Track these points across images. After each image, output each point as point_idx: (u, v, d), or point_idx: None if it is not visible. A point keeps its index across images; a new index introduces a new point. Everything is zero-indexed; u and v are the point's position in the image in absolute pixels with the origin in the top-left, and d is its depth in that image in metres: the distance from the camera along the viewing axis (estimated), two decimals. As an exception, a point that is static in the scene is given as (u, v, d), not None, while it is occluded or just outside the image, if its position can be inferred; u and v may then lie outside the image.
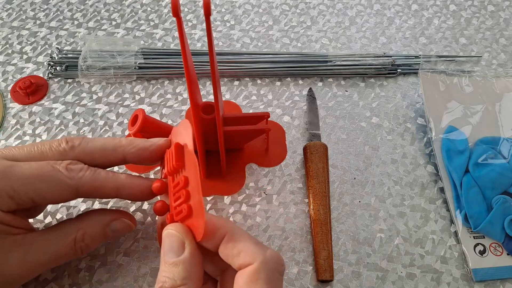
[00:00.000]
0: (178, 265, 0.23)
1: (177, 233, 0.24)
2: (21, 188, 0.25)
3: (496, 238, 0.36)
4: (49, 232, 0.28)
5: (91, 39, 0.46)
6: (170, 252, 0.24)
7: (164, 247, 0.24)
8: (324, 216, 0.36)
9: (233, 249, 0.24)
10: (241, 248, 0.24)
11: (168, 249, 0.24)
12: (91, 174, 0.27)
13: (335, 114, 0.43)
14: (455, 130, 0.41)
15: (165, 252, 0.24)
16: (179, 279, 0.23)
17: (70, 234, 0.27)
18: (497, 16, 0.52)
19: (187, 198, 0.25)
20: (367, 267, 0.35)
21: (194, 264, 0.24)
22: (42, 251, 0.27)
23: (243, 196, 0.38)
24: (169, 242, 0.24)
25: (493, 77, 0.45)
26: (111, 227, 0.29)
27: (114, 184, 0.28)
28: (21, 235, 0.26)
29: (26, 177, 0.25)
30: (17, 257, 0.26)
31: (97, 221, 0.28)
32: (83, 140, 0.29)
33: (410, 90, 0.45)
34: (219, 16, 0.51)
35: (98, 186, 0.27)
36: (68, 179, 0.26)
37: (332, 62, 0.46)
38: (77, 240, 0.27)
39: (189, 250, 0.24)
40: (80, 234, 0.27)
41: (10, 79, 0.45)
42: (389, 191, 0.39)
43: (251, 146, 0.41)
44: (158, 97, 0.44)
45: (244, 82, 0.45)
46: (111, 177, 0.28)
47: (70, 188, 0.26)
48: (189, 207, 0.25)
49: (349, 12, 0.52)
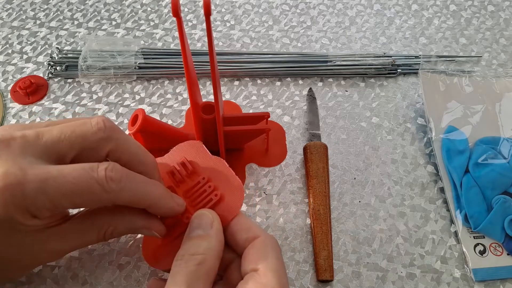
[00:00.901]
0: (204, 239, 0.26)
1: (209, 213, 0.28)
2: (59, 202, 0.24)
3: (496, 238, 0.36)
4: (83, 222, 0.28)
5: (91, 39, 0.46)
6: (198, 229, 0.27)
7: (192, 225, 0.27)
8: (324, 216, 0.36)
9: (244, 224, 0.28)
10: (250, 225, 0.28)
11: (196, 226, 0.27)
12: (130, 186, 0.26)
13: (335, 114, 0.43)
14: (455, 130, 0.41)
15: (192, 229, 0.27)
16: (203, 248, 0.26)
17: (102, 227, 0.28)
18: (497, 16, 0.52)
19: (215, 189, 0.30)
20: (367, 267, 0.35)
21: (218, 242, 0.27)
22: (75, 240, 0.28)
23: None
24: (198, 220, 0.27)
25: (493, 77, 0.45)
26: (138, 231, 0.31)
27: (148, 202, 0.27)
28: (57, 226, 0.27)
29: (63, 192, 0.24)
30: (52, 248, 0.27)
31: (129, 222, 0.28)
32: (118, 133, 0.28)
33: (410, 90, 0.45)
34: (219, 16, 0.51)
35: (134, 201, 0.27)
36: (106, 193, 0.25)
37: (332, 62, 0.46)
38: (106, 234, 0.28)
39: (216, 229, 0.27)
40: (110, 230, 0.28)
41: (10, 79, 0.45)
42: (389, 191, 0.39)
43: (251, 146, 0.41)
44: (158, 97, 0.44)
45: (244, 82, 0.45)
46: (148, 193, 0.27)
47: (106, 201, 0.26)
48: (221, 194, 0.30)
49: (349, 12, 0.52)
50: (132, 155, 0.28)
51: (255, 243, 0.27)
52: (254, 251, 0.27)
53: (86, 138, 0.26)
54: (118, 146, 0.27)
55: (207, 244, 0.26)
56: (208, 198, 0.30)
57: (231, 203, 0.29)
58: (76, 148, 0.26)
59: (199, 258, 0.25)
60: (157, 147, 0.40)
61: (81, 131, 0.26)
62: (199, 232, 0.27)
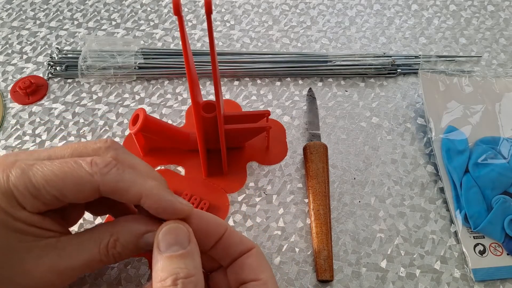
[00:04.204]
0: (187, 256, 0.24)
1: (183, 226, 0.25)
2: (42, 186, 0.24)
3: (496, 238, 0.36)
4: (82, 236, 0.26)
5: (91, 39, 0.46)
6: (175, 246, 0.24)
7: (165, 242, 0.24)
8: (324, 216, 0.36)
9: (236, 237, 0.28)
10: (241, 237, 0.28)
11: (172, 242, 0.24)
12: (117, 172, 0.25)
13: (335, 114, 0.43)
14: (455, 130, 0.41)
15: (167, 246, 0.24)
16: (191, 268, 0.24)
17: (103, 239, 0.26)
18: (497, 16, 0.53)
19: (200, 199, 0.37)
20: (367, 267, 0.35)
21: (199, 255, 0.25)
22: (75, 256, 0.26)
23: (243, 196, 0.38)
24: (173, 236, 0.25)
25: (493, 77, 0.45)
26: (144, 239, 0.26)
27: (139, 190, 0.25)
28: (55, 239, 0.26)
29: (46, 174, 0.24)
30: (49, 262, 0.25)
31: (131, 229, 0.26)
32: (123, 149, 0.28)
33: (410, 90, 0.45)
34: (219, 16, 0.51)
35: (121, 187, 0.25)
36: (90, 175, 0.24)
37: (332, 62, 0.46)
38: (109, 247, 0.26)
39: (194, 242, 0.25)
40: (112, 241, 0.26)
41: (10, 79, 0.45)
42: (389, 191, 0.39)
43: (251, 144, 0.41)
44: (158, 97, 0.44)
45: (244, 82, 0.45)
46: (138, 181, 0.25)
47: (90, 185, 0.25)
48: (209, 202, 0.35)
49: (349, 12, 0.52)
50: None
51: (251, 254, 0.27)
52: (252, 262, 0.27)
53: (81, 185, 0.25)
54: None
55: (194, 263, 0.24)
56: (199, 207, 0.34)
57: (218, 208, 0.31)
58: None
59: (194, 280, 0.23)
60: (158, 146, 0.40)
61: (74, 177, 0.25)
62: (177, 249, 0.24)
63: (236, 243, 0.28)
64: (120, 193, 0.25)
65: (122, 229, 0.26)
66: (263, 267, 0.27)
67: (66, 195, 0.25)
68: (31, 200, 0.24)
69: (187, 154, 0.40)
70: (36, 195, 0.24)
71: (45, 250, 0.25)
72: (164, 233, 0.25)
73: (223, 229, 0.27)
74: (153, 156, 0.40)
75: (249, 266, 0.27)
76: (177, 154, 0.40)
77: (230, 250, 0.28)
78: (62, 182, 0.24)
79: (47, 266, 0.25)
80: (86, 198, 0.25)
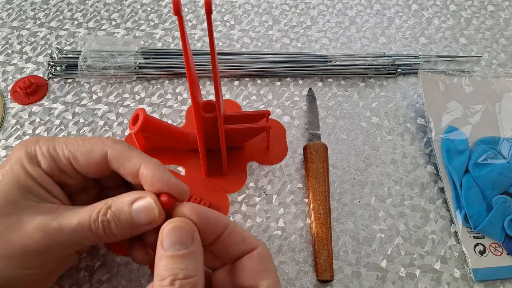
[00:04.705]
0: (188, 257, 0.24)
1: (187, 225, 0.25)
2: (61, 149, 0.27)
3: (496, 238, 0.36)
4: (81, 206, 0.27)
5: (91, 39, 0.46)
6: (178, 245, 0.24)
7: (169, 240, 0.24)
8: (324, 216, 0.36)
9: (238, 235, 0.26)
10: (244, 235, 0.26)
11: (175, 241, 0.24)
12: (123, 146, 0.28)
13: (335, 114, 0.43)
14: (455, 130, 0.41)
15: (171, 244, 0.24)
16: (192, 269, 0.24)
17: (97, 207, 0.26)
18: (497, 16, 0.53)
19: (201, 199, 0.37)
20: (367, 267, 0.35)
21: (201, 255, 0.25)
22: (67, 218, 0.26)
23: (243, 196, 0.38)
24: (177, 234, 0.24)
25: (493, 77, 0.45)
26: (134, 207, 0.26)
27: (139, 160, 0.27)
28: (56, 205, 0.27)
29: (69, 141, 0.28)
30: (40, 221, 0.26)
31: (123, 198, 0.27)
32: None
33: (410, 90, 0.45)
34: (219, 16, 0.51)
35: (125, 155, 0.27)
36: (101, 143, 0.27)
37: (332, 62, 0.46)
38: (101, 213, 0.26)
39: (197, 241, 0.25)
40: (105, 207, 0.26)
41: (10, 79, 0.45)
42: (389, 191, 0.39)
43: (252, 144, 0.41)
44: (158, 97, 0.44)
45: (244, 82, 0.45)
46: (140, 155, 0.28)
47: (101, 151, 0.27)
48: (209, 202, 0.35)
49: (349, 12, 0.52)
50: None
51: (253, 256, 0.26)
52: (254, 265, 0.26)
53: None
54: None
55: (195, 263, 0.24)
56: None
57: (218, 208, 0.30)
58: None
59: (193, 282, 0.23)
60: (159, 146, 0.40)
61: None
62: (180, 248, 0.24)
63: (237, 242, 0.26)
64: (123, 160, 0.27)
65: (116, 199, 0.27)
66: (266, 272, 0.26)
67: (78, 160, 0.27)
68: (49, 160, 0.27)
69: (187, 154, 0.40)
70: (55, 157, 0.27)
71: (44, 212, 0.26)
72: (168, 231, 0.24)
73: (223, 226, 0.26)
74: (153, 156, 0.39)
75: (250, 269, 0.26)
76: (177, 154, 0.40)
77: (231, 249, 0.26)
78: (77, 147, 0.27)
79: (37, 223, 0.25)
80: (96, 164, 0.27)
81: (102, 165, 0.27)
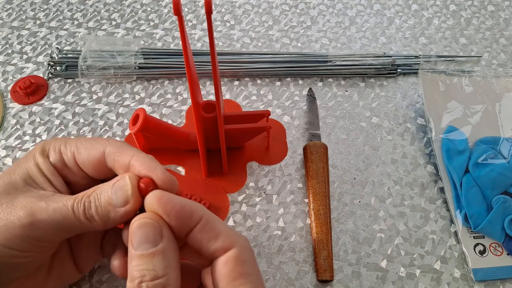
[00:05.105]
0: (157, 255, 0.22)
1: (153, 221, 0.23)
2: (69, 146, 0.28)
3: (496, 238, 0.36)
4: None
5: (91, 39, 0.46)
6: (145, 243, 0.23)
7: (135, 238, 0.23)
8: (324, 216, 0.36)
9: (211, 231, 0.23)
10: (219, 231, 0.23)
11: (142, 240, 0.23)
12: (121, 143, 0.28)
13: (335, 114, 0.43)
14: (455, 130, 0.41)
15: (138, 244, 0.23)
16: (160, 269, 0.22)
17: (86, 192, 0.26)
18: (497, 16, 0.53)
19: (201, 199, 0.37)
20: (367, 267, 0.35)
21: (174, 252, 0.23)
22: (55, 201, 0.25)
23: (243, 196, 0.38)
24: (143, 232, 0.23)
25: (493, 77, 0.45)
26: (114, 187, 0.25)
27: (133, 153, 0.27)
28: (52, 193, 0.27)
29: (77, 140, 0.29)
30: (29, 200, 0.25)
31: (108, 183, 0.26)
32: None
33: (410, 90, 0.45)
34: (219, 16, 0.51)
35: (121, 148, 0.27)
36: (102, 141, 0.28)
37: (332, 62, 0.46)
38: (86, 195, 0.25)
39: (167, 238, 0.23)
40: (91, 190, 0.25)
41: (10, 79, 0.45)
42: (389, 191, 0.39)
43: (251, 144, 0.41)
44: (158, 97, 0.44)
45: (244, 82, 0.45)
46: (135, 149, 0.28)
47: (101, 147, 0.27)
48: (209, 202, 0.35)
49: (349, 12, 0.52)
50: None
51: (228, 259, 0.23)
52: (229, 272, 0.23)
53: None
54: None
55: (164, 262, 0.22)
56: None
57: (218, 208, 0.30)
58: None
59: (161, 283, 0.22)
60: (159, 146, 0.40)
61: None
62: (148, 247, 0.23)
63: (210, 238, 0.23)
64: (118, 155, 0.27)
65: (103, 183, 0.26)
66: (243, 277, 0.23)
67: (80, 153, 0.28)
68: (57, 153, 0.28)
69: (187, 154, 0.40)
70: (63, 151, 0.28)
71: (38, 196, 0.26)
72: (135, 228, 0.23)
73: (197, 218, 0.23)
74: (153, 156, 0.40)
75: (225, 277, 0.23)
76: (177, 154, 0.40)
77: (202, 247, 0.24)
78: (83, 143, 0.28)
79: (26, 201, 0.25)
80: (95, 160, 0.28)
81: (102, 162, 0.28)
